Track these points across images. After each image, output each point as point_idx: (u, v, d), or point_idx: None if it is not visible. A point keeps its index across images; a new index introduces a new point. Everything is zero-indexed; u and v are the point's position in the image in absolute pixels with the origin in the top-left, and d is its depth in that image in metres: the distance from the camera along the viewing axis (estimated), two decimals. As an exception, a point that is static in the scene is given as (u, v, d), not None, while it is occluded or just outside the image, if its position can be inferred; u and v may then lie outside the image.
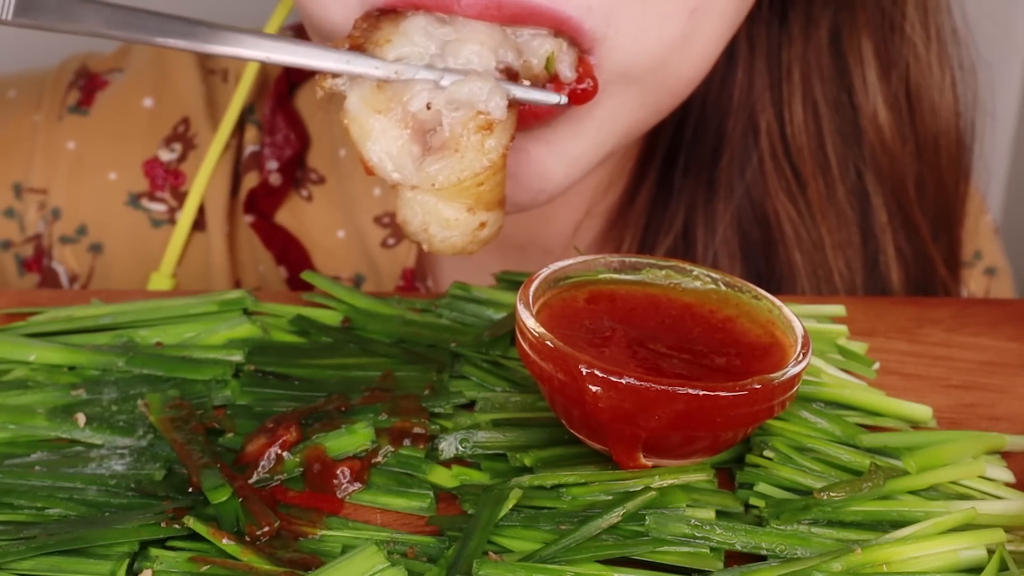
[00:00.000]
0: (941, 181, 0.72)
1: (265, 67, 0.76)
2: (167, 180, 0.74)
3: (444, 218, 0.49)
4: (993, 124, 0.76)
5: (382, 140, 0.49)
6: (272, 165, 0.73)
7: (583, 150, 0.56)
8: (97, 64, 0.77)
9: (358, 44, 0.49)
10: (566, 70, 0.52)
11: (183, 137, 0.74)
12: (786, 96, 0.69)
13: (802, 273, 0.70)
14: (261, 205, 0.73)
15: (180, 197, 0.74)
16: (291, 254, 0.73)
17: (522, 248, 0.73)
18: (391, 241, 0.72)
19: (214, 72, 0.77)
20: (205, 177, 0.73)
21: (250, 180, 0.74)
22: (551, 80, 0.52)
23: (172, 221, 0.74)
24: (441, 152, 0.48)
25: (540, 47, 0.51)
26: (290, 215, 0.74)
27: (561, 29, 0.51)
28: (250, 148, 0.74)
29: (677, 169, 0.71)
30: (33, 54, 0.79)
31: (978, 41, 0.73)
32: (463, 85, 0.48)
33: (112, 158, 0.74)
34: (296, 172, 0.74)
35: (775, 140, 0.70)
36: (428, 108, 0.48)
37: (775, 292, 0.70)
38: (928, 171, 0.71)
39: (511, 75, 0.50)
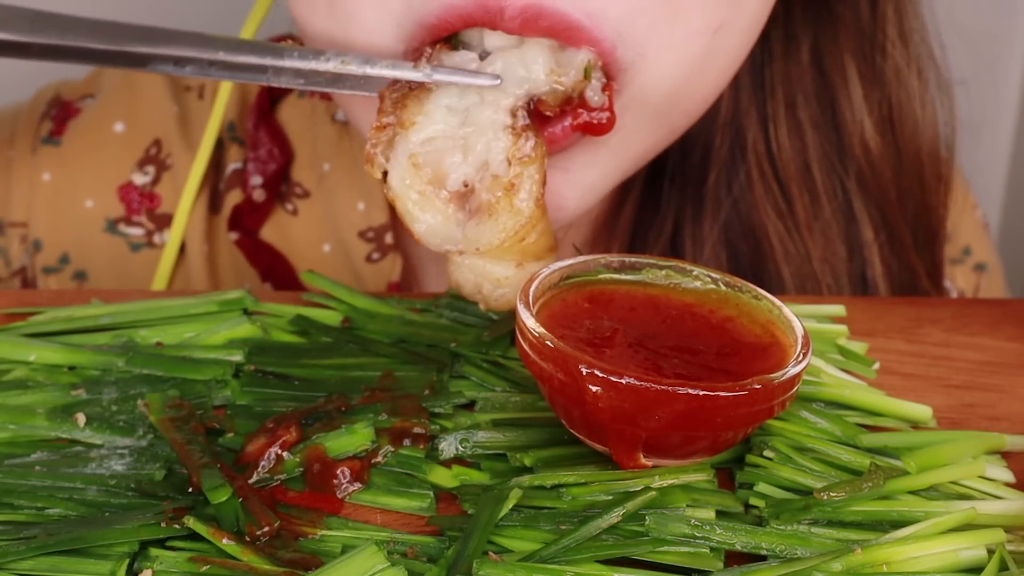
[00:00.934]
0: (923, 195, 0.73)
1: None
2: (142, 204, 0.74)
3: (495, 278, 0.52)
4: (995, 123, 0.77)
5: (424, 216, 0.51)
6: (256, 181, 0.73)
7: (598, 177, 0.56)
8: (70, 92, 0.77)
9: (386, 124, 0.51)
10: (594, 94, 0.52)
11: (155, 159, 0.74)
12: (771, 113, 0.70)
13: (790, 287, 0.70)
14: (245, 222, 0.73)
15: (157, 220, 0.74)
16: (276, 270, 0.73)
17: None
18: (376, 256, 0.72)
19: (189, 89, 0.76)
20: (190, 198, 0.72)
21: (233, 198, 0.73)
22: (579, 105, 0.52)
23: (150, 244, 0.74)
24: (478, 216, 0.50)
25: (576, 56, 0.51)
26: (275, 230, 0.73)
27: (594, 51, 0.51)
28: (232, 166, 0.74)
29: (664, 182, 0.71)
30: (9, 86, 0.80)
31: (975, 44, 0.74)
32: (479, 142, 0.50)
33: (87, 186, 0.74)
34: (280, 187, 0.74)
35: (761, 156, 0.70)
36: (466, 186, 0.50)
37: None
38: (910, 185, 0.72)
39: (531, 111, 0.51)
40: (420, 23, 0.51)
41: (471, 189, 0.50)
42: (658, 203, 0.72)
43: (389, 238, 0.72)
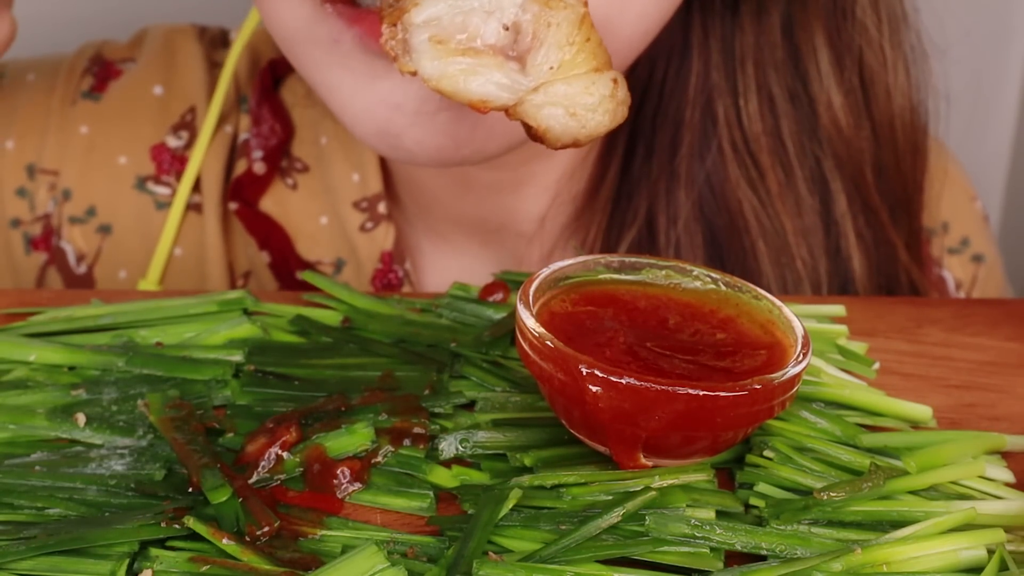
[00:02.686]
0: (898, 165, 0.73)
1: (254, 58, 0.77)
2: (173, 165, 0.76)
3: (581, 93, 0.48)
4: (995, 122, 0.76)
5: (479, 81, 0.47)
6: (257, 154, 0.75)
7: None
8: (111, 52, 0.79)
9: (395, 21, 0.48)
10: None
11: (190, 125, 0.76)
12: (741, 86, 0.70)
13: (766, 260, 0.70)
14: (245, 193, 0.75)
15: None
16: (273, 240, 0.75)
17: (497, 231, 0.74)
18: (369, 225, 0.73)
19: (217, 65, 0.78)
20: (196, 162, 0.75)
21: (241, 167, 0.75)
22: None
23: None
24: (535, 42, 0.47)
25: None
26: (275, 203, 0.75)
27: None
28: (243, 136, 0.76)
29: (637, 157, 0.72)
30: (53, 40, 0.81)
31: (976, 40, 0.74)
32: None
33: (122, 143, 0.76)
34: (281, 161, 0.76)
35: (733, 128, 0.71)
36: (506, 28, 0.47)
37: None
38: (885, 155, 0.72)
39: None
40: None
41: (515, 29, 0.47)
42: (634, 181, 0.72)
43: (382, 207, 0.73)
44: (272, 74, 0.77)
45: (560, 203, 0.73)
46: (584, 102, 0.48)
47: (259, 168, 0.75)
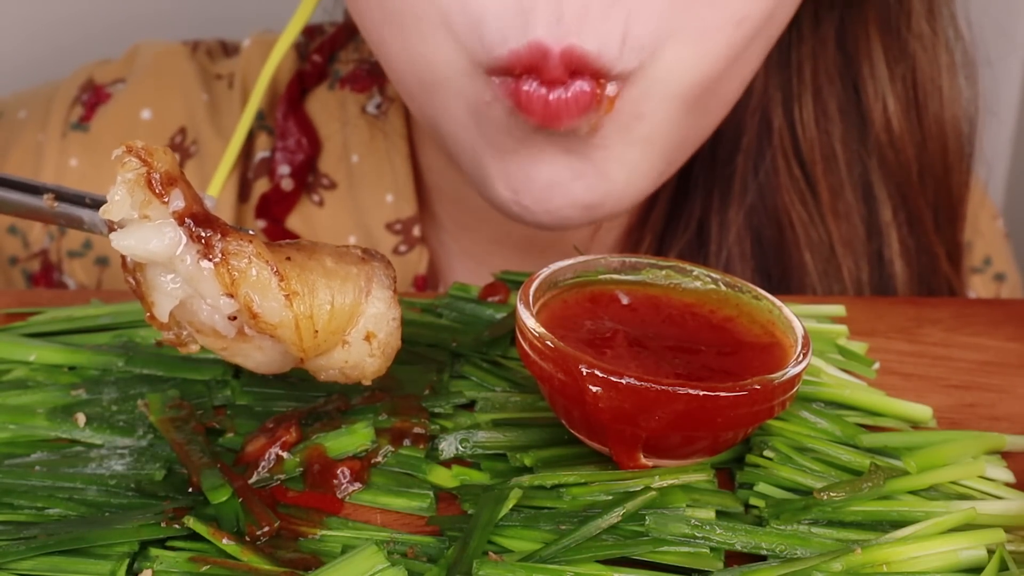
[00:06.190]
0: (945, 176, 0.72)
1: (274, 72, 0.76)
2: None
3: (344, 360, 0.46)
4: (995, 122, 0.76)
5: (250, 358, 0.45)
6: (284, 170, 0.74)
7: (639, 158, 0.56)
8: (103, 75, 0.78)
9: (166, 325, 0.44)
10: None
11: (180, 147, 0.75)
12: (796, 94, 0.70)
13: (812, 271, 0.70)
14: (273, 211, 0.74)
15: None
16: None
17: (543, 250, 0.73)
18: (403, 248, 0.72)
19: (220, 77, 0.77)
20: (220, 183, 0.73)
21: (260, 186, 0.74)
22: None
23: None
24: (256, 328, 0.43)
25: None
26: (302, 220, 0.74)
27: (598, 76, 0.52)
28: (260, 154, 0.75)
29: (695, 170, 0.71)
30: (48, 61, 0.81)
31: (978, 40, 0.74)
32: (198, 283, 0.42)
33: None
34: (308, 177, 0.74)
35: (786, 139, 0.70)
36: (233, 319, 0.43)
37: (786, 290, 0.70)
38: (931, 166, 0.72)
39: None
40: (491, 56, 0.52)
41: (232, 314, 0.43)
42: (688, 192, 0.72)
43: (417, 231, 0.72)
44: (299, 85, 0.76)
45: (613, 219, 0.72)
46: (351, 361, 0.46)
47: (287, 184, 0.73)
